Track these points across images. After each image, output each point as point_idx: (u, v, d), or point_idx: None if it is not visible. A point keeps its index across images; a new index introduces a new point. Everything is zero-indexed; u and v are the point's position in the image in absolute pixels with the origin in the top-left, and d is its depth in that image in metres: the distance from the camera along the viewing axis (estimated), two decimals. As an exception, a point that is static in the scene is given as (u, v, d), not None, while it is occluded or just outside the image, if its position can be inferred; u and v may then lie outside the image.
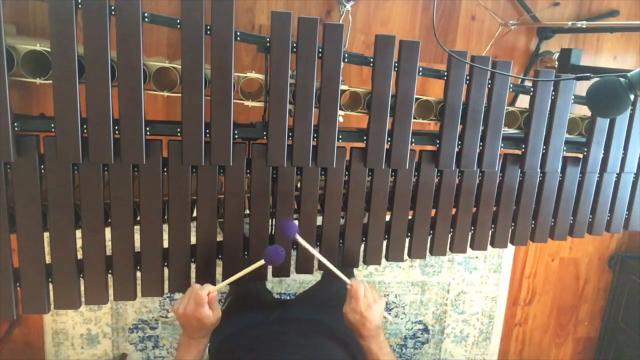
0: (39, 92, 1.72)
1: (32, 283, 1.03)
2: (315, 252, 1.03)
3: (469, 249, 1.28)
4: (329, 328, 1.10)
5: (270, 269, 1.14)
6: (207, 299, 0.92)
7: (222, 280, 1.01)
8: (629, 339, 2.41)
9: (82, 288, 1.07)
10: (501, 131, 1.17)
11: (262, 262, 0.95)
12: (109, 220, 1.04)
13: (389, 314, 2.35)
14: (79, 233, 1.03)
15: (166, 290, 1.11)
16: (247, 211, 1.12)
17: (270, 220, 1.12)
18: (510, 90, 1.16)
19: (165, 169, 1.03)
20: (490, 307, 2.47)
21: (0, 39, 0.88)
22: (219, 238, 1.12)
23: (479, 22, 2.06)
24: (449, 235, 1.25)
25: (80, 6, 0.90)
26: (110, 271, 1.07)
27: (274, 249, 0.93)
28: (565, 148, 1.23)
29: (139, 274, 1.09)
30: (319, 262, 1.05)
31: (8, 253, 1.01)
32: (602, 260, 2.54)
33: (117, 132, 0.98)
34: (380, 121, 1.09)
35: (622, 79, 0.82)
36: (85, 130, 0.96)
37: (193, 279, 1.12)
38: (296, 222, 0.97)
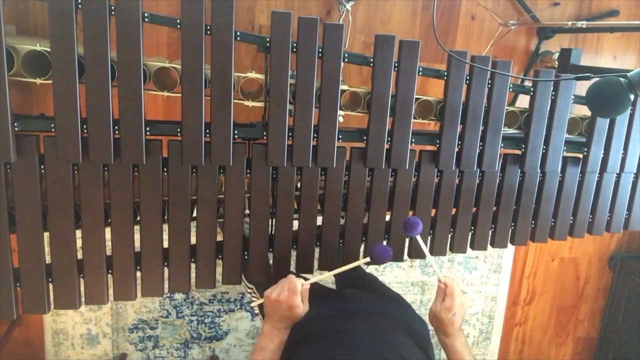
0: (39, 92, 1.72)
1: (32, 283, 1.03)
2: (426, 250, 1.05)
3: (469, 249, 1.28)
4: (398, 322, 1.10)
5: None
6: (301, 288, 0.93)
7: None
8: (629, 339, 2.41)
9: (82, 288, 1.07)
10: (501, 131, 1.17)
11: (367, 259, 0.97)
12: (109, 220, 1.04)
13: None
14: (79, 233, 1.03)
15: (166, 290, 1.11)
16: (247, 211, 1.12)
17: (270, 220, 1.12)
18: (510, 90, 1.16)
19: (165, 169, 1.03)
20: (490, 307, 2.47)
21: (0, 39, 0.88)
22: (219, 238, 1.12)
23: (479, 22, 2.06)
24: (449, 235, 1.25)
25: (80, 6, 0.91)
26: (110, 271, 1.07)
27: (382, 248, 0.95)
28: (565, 148, 1.23)
29: (139, 274, 1.09)
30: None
31: (8, 253, 1.01)
32: (602, 260, 2.54)
33: (117, 132, 0.98)
34: (380, 121, 1.09)
35: (622, 79, 0.82)
36: (85, 130, 0.96)
37: (193, 279, 1.12)
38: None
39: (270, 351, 0.95)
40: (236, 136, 1.04)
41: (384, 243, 1.19)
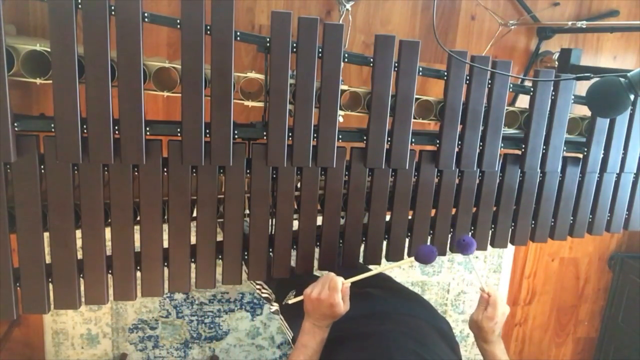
0: (39, 92, 1.71)
1: (32, 283, 1.03)
2: (477, 270, 1.08)
3: (469, 249, 1.28)
4: (427, 323, 1.11)
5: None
6: (342, 287, 0.94)
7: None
8: (629, 339, 2.41)
9: (82, 288, 1.07)
10: (501, 131, 1.17)
11: (411, 259, 0.98)
12: (109, 220, 1.04)
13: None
14: (79, 233, 1.03)
15: (166, 290, 1.11)
16: (247, 211, 1.12)
17: (270, 220, 1.12)
18: (510, 90, 1.16)
19: (165, 169, 1.03)
20: (490, 307, 2.47)
21: (0, 39, 0.88)
22: (219, 238, 1.12)
23: (479, 22, 2.06)
24: (449, 235, 1.25)
25: (80, 6, 0.90)
26: (110, 271, 1.07)
27: (428, 248, 0.96)
28: (565, 148, 1.23)
29: (139, 274, 1.09)
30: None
31: (8, 253, 1.01)
32: (602, 260, 2.54)
33: (117, 132, 0.98)
34: (380, 121, 1.09)
35: (622, 79, 0.82)
36: (85, 130, 0.96)
37: (193, 279, 1.12)
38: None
39: (311, 349, 0.95)
40: (236, 136, 1.04)
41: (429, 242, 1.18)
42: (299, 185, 1.12)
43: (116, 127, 0.97)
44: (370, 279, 1.00)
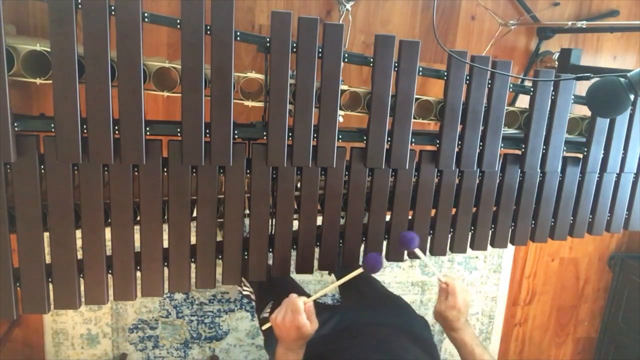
0: (39, 92, 1.71)
1: (32, 283, 1.03)
2: (425, 257, 1.05)
3: (469, 249, 1.28)
4: (401, 330, 1.11)
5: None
6: (303, 307, 0.92)
7: (312, 293, 1.02)
8: (629, 339, 2.41)
9: (82, 288, 1.07)
10: (501, 131, 1.17)
11: (360, 270, 0.97)
12: (109, 220, 1.04)
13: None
14: (79, 233, 1.03)
15: (166, 290, 1.11)
16: (247, 211, 1.12)
17: (270, 220, 1.12)
18: (510, 90, 1.16)
19: (165, 169, 1.03)
20: (490, 307, 2.47)
21: (0, 39, 0.88)
22: (219, 238, 1.11)
23: (479, 22, 2.06)
24: (449, 235, 1.25)
25: (80, 6, 0.90)
26: (110, 271, 1.07)
27: (373, 257, 0.95)
28: (565, 148, 1.23)
29: (139, 274, 1.09)
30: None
31: (8, 253, 1.01)
32: (602, 260, 2.54)
33: (117, 132, 0.98)
34: (380, 121, 1.09)
35: (622, 79, 0.82)
36: (85, 130, 0.96)
37: (193, 279, 1.12)
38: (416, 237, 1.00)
39: None
40: (236, 136, 1.04)
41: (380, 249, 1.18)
42: (299, 185, 1.12)
43: (116, 127, 0.97)
44: (352, 282, 1.01)
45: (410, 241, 0.99)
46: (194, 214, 1.10)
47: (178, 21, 0.96)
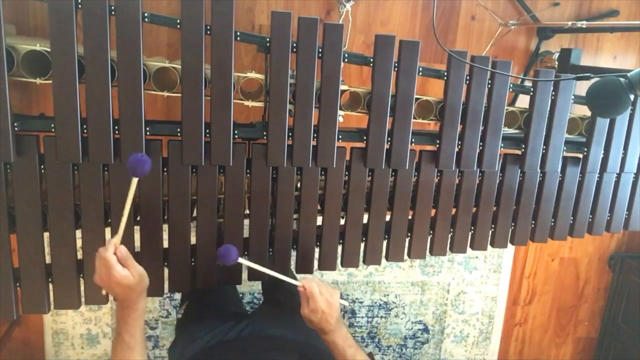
0: (39, 92, 1.72)
1: (32, 283, 1.03)
2: (257, 266, 1.00)
3: (469, 249, 1.28)
4: (294, 343, 1.09)
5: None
6: (114, 259, 0.84)
7: None
8: (629, 339, 2.41)
9: (82, 288, 1.07)
10: (501, 131, 1.17)
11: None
12: (109, 220, 1.04)
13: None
14: (79, 233, 1.03)
15: (166, 290, 1.11)
16: (247, 211, 1.12)
17: (270, 220, 1.12)
18: (510, 90, 1.16)
19: (165, 169, 1.03)
20: (490, 307, 2.47)
21: (0, 39, 0.88)
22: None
23: (479, 22, 2.06)
24: (449, 235, 1.25)
25: (80, 6, 0.90)
26: (110, 271, 1.06)
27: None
28: (565, 148, 1.23)
29: (139, 274, 1.09)
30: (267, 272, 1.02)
31: (8, 253, 1.01)
32: (602, 260, 2.54)
33: (117, 132, 0.98)
34: (380, 121, 1.09)
35: (622, 79, 0.82)
36: (85, 130, 0.96)
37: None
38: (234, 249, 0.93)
39: (128, 333, 0.89)
40: (236, 136, 1.04)
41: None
42: (299, 185, 1.12)
43: (116, 127, 0.97)
44: (276, 290, 1.00)
45: (226, 256, 0.92)
46: (194, 214, 1.10)
47: (178, 21, 0.96)
